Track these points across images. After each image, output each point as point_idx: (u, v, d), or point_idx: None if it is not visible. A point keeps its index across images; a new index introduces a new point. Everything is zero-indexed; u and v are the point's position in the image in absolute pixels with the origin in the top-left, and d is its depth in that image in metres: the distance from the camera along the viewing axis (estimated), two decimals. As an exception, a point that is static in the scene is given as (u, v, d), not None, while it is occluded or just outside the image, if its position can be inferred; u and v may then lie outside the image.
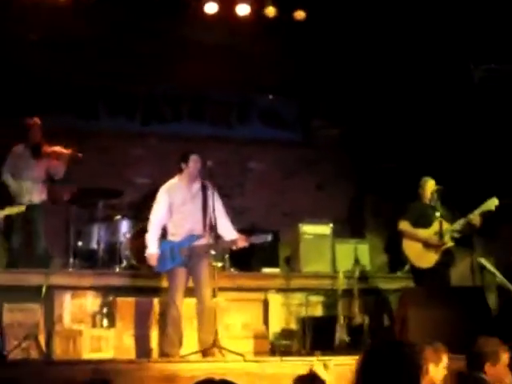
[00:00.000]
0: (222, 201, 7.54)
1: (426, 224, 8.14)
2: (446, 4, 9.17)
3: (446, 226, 8.01)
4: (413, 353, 3.24)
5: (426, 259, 8.08)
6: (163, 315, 7.59)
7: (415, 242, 8.16)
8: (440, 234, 7.97)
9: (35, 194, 8.74)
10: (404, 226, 8.22)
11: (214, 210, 7.17)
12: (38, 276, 7.92)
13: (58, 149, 8.82)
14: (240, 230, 7.52)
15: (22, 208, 7.44)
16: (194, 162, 7.25)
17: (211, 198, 7.22)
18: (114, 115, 10.43)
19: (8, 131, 8.99)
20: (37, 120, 8.81)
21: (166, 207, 7.30)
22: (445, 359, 5.25)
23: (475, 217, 7.86)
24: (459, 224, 7.97)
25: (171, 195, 7.30)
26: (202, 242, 7.18)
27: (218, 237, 7.32)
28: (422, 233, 8.12)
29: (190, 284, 7.28)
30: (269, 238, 7.52)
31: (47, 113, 9.31)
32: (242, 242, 7.26)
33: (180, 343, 7.16)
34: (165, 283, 7.97)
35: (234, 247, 7.45)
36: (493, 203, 7.82)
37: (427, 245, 8.07)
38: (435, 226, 8.04)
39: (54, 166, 8.79)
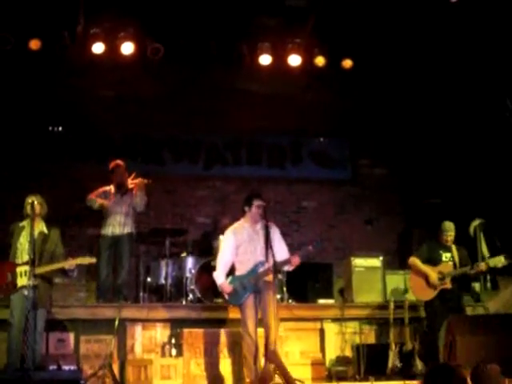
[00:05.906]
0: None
1: (435, 263, 8.32)
2: (483, 45, 9.51)
3: (449, 269, 8.21)
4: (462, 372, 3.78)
5: (425, 294, 8.28)
6: (235, 345, 7.90)
7: (419, 277, 8.33)
8: (442, 276, 8.17)
9: (119, 227, 9.05)
10: (413, 261, 8.41)
11: (273, 245, 7.28)
12: (111, 310, 8.34)
13: (135, 181, 9.22)
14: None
15: (93, 260, 7.36)
16: (256, 208, 7.38)
17: (272, 235, 7.27)
18: (178, 161, 10.90)
19: (92, 174, 9.76)
20: (119, 162, 9.26)
21: (232, 247, 7.45)
22: None
23: (481, 267, 8.10)
24: (461, 270, 8.19)
25: (237, 236, 7.45)
26: (265, 267, 7.19)
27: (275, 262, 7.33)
28: (427, 270, 8.28)
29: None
30: (319, 244, 7.56)
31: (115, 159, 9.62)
32: (295, 259, 7.30)
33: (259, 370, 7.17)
34: (229, 315, 8.42)
35: (291, 268, 7.48)
36: (499, 261, 8.04)
37: (428, 282, 8.24)
38: (440, 267, 8.26)
39: (135, 199, 9.12)
